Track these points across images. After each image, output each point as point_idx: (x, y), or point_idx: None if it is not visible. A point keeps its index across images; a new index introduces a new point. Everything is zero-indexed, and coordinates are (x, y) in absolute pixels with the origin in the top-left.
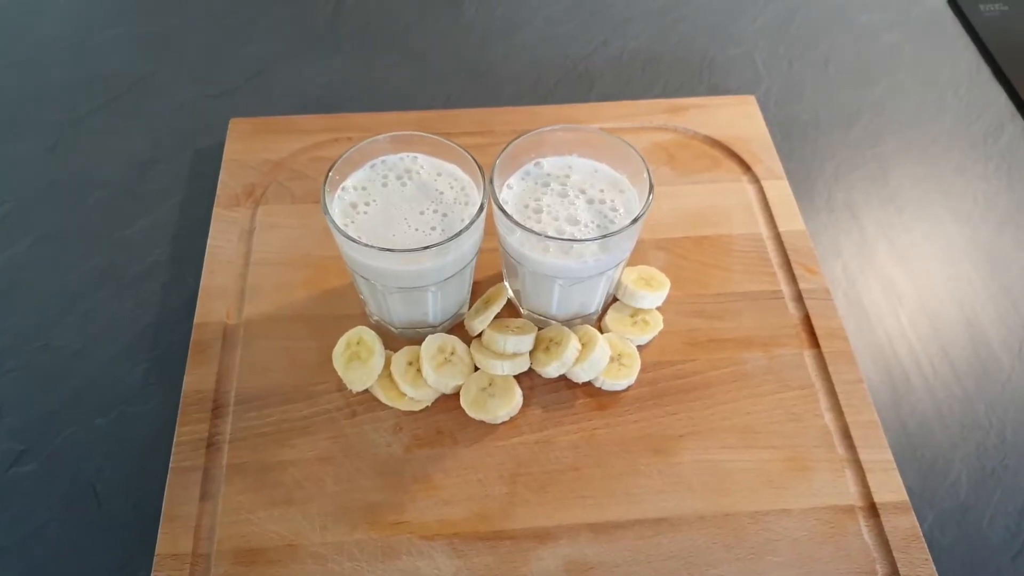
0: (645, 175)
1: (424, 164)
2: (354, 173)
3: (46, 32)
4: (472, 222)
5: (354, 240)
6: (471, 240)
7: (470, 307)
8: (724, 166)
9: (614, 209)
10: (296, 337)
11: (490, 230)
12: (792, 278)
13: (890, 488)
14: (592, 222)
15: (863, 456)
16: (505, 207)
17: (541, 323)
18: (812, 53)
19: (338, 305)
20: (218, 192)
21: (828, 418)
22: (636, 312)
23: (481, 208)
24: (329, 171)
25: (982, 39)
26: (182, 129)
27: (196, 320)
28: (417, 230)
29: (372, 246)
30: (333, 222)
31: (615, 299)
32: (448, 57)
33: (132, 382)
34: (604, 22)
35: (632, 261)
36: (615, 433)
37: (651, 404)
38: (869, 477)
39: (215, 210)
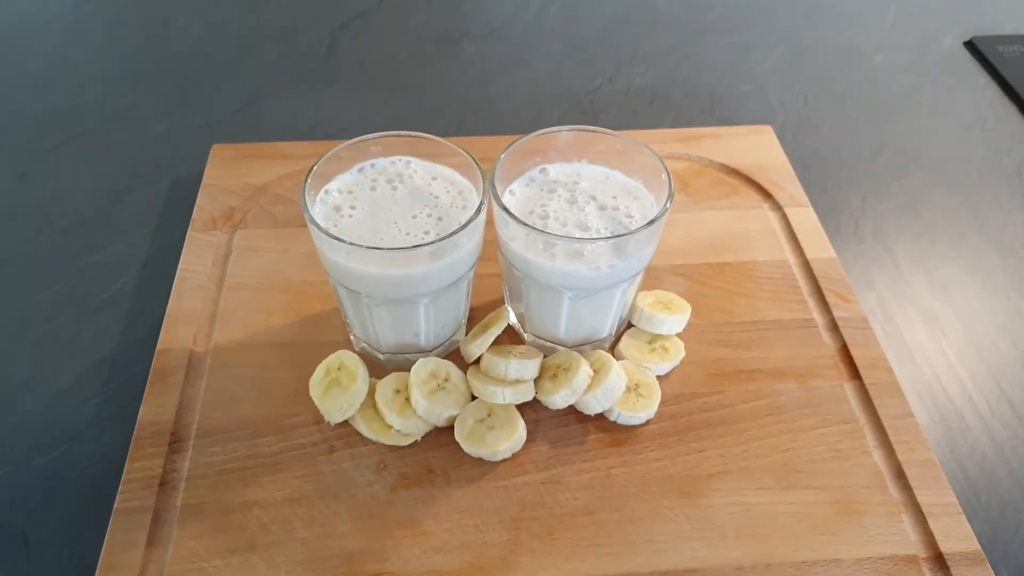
0: (664, 176)
1: (418, 169)
2: (340, 175)
3: (27, 66)
4: (471, 220)
5: (336, 239)
6: (469, 244)
7: (467, 333)
8: (742, 193)
9: (629, 215)
10: (270, 366)
11: (489, 255)
12: (825, 306)
13: (958, 536)
14: (605, 228)
15: (922, 499)
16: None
17: (547, 350)
18: (827, 90)
19: (319, 331)
20: (194, 216)
21: (877, 456)
22: (654, 339)
23: (480, 207)
24: (312, 168)
25: (1004, 78)
26: (161, 159)
27: (159, 347)
28: (408, 234)
29: (357, 244)
30: (313, 220)
31: (629, 325)
32: (445, 92)
33: (82, 417)
34: (608, 60)
35: (648, 286)
36: (633, 472)
37: (674, 440)
38: (931, 523)
39: (189, 233)
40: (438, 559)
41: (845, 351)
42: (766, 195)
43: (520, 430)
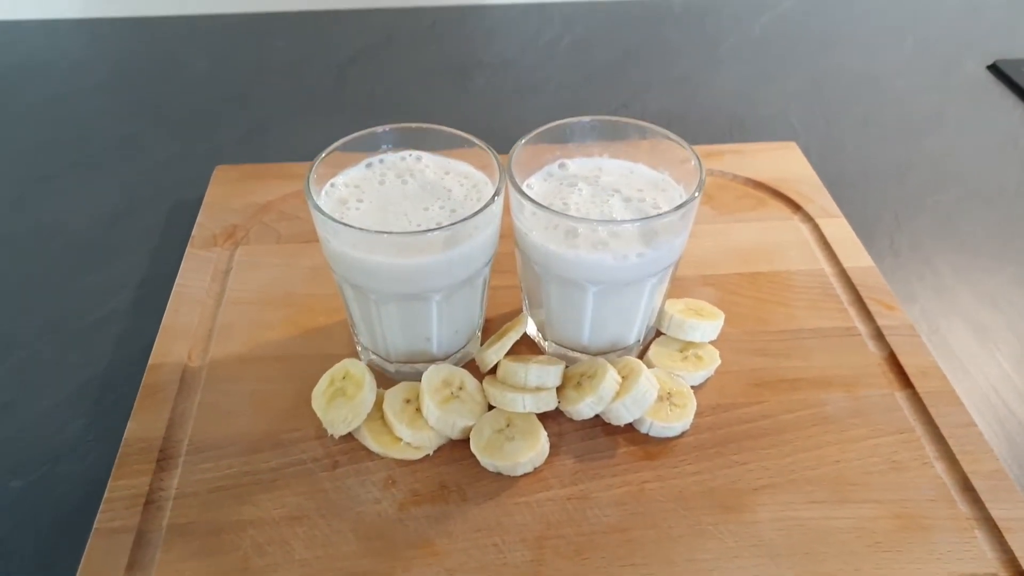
0: (693, 163)
1: (429, 163)
2: (347, 170)
3: (30, 99)
4: (488, 204)
5: (342, 224)
6: (485, 232)
7: (482, 343)
8: (770, 206)
9: (656, 207)
10: (270, 379)
11: (505, 267)
12: (868, 315)
13: None
14: (630, 234)
15: (996, 513)
16: (526, 210)
17: (570, 361)
18: (849, 113)
19: (323, 344)
20: (193, 233)
21: (940, 468)
22: (686, 346)
23: (498, 192)
24: (316, 160)
25: None
26: (162, 184)
27: (151, 361)
28: (419, 226)
29: (365, 229)
30: (316, 207)
31: (657, 334)
32: (455, 119)
33: (66, 438)
34: (622, 87)
35: (676, 295)
36: (670, 487)
37: (713, 453)
38: (1009, 539)
39: (188, 250)
40: None
41: (893, 359)
42: (795, 207)
43: (542, 440)
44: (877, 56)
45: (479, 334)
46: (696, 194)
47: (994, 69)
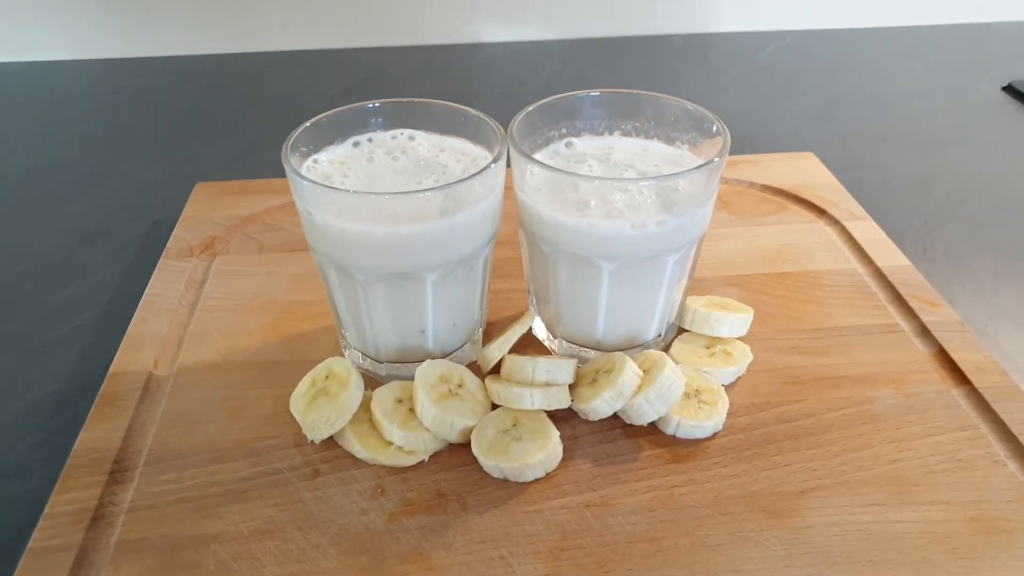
0: (716, 128)
1: (423, 142)
2: (331, 147)
3: (12, 126)
4: (489, 165)
5: (321, 184)
6: (485, 203)
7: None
8: (791, 210)
9: (674, 185)
10: (245, 386)
11: (507, 272)
12: (910, 312)
13: None
14: (648, 199)
15: None
16: (531, 180)
17: (583, 361)
18: (865, 130)
19: (306, 350)
20: (169, 244)
21: (1013, 467)
22: (713, 342)
23: (500, 154)
24: (294, 134)
25: None
26: (140, 205)
27: (111, 370)
28: (411, 208)
29: (350, 190)
30: (295, 171)
31: (681, 331)
32: None
33: (12, 458)
34: None
35: (698, 292)
36: (704, 491)
37: (751, 454)
38: None
39: (161, 261)
40: None
41: (943, 355)
42: (819, 211)
43: (554, 441)
44: (888, 80)
45: (480, 335)
46: (722, 156)
47: (1010, 90)
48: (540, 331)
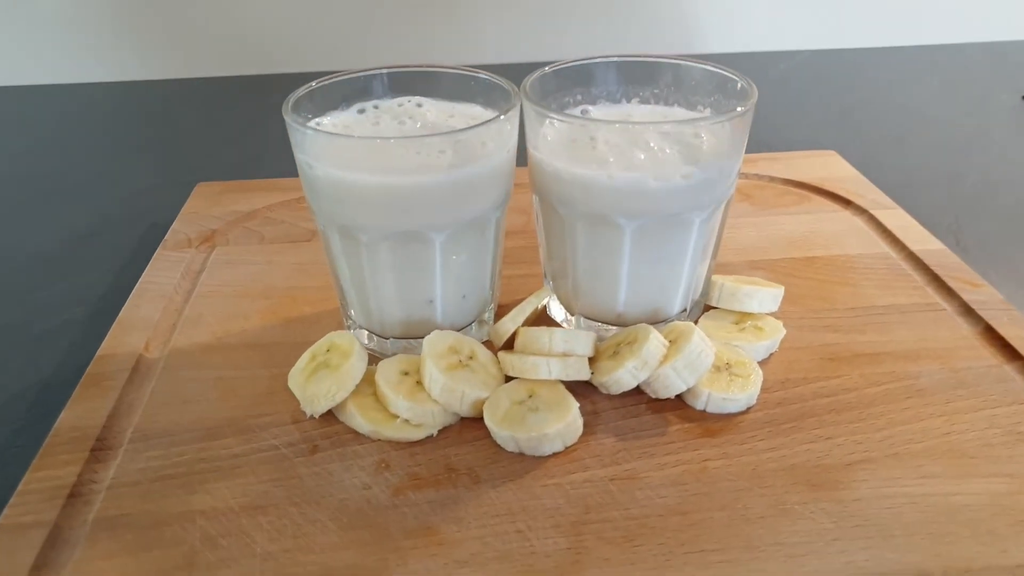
0: (740, 84)
1: (431, 108)
2: (334, 112)
3: (17, 141)
4: (501, 114)
5: (323, 131)
6: (495, 159)
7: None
8: (815, 201)
9: (698, 135)
10: (240, 366)
11: (519, 258)
12: (950, 293)
13: None
14: (671, 150)
15: None
16: (547, 136)
17: (602, 337)
18: (886, 136)
19: (307, 331)
20: (166, 237)
21: None
22: (742, 318)
23: (513, 106)
24: (294, 96)
25: None
26: (138, 208)
27: (99, 352)
28: (419, 153)
29: (354, 135)
30: (295, 120)
31: (707, 309)
32: None
33: None
34: None
35: (723, 275)
36: (740, 465)
37: (789, 428)
38: None
39: (157, 252)
40: (464, 574)
41: (991, 332)
42: (845, 202)
43: (574, 411)
44: (905, 90)
45: (491, 314)
46: (750, 107)
47: None
48: (557, 312)
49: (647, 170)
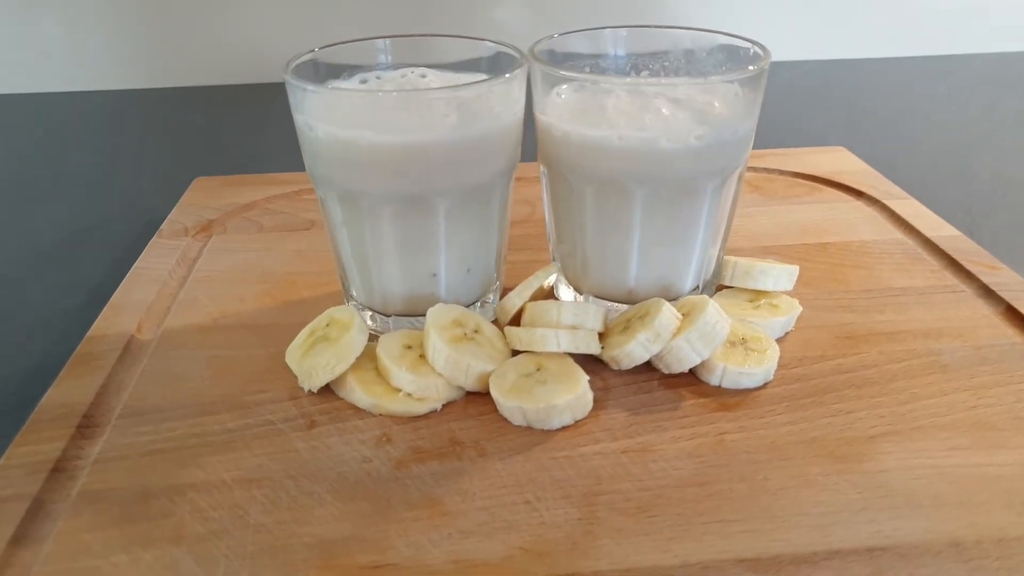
0: (752, 50)
1: (435, 79)
2: (335, 81)
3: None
4: (507, 74)
5: (324, 87)
6: (502, 121)
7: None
8: (826, 192)
9: (710, 103)
10: (237, 346)
11: (524, 244)
12: (968, 275)
13: None
14: (683, 115)
15: None
16: (555, 99)
17: (612, 315)
18: (896, 136)
19: (306, 313)
20: (162, 227)
21: None
22: (756, 296)
23: (522, 66)
24: (294, 61)
25: None
26: (136, 205)
27: (89, 333)
28: (422, 116)
29: (355, 89)
30: (295, 78)
31: (720, 288)
32: None
33: None
34: None
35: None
36: (758, 438)
37: (809, 403)
38: None
39: (152, 240)
40: (469, 545)
41: (1013, 312)
42: (856, 193)
43: (583, 384)
44: (913, 95)
45: (496, 293)
46: (764, 69)
47: None
48: (565, 294)
49: (660, 132)
